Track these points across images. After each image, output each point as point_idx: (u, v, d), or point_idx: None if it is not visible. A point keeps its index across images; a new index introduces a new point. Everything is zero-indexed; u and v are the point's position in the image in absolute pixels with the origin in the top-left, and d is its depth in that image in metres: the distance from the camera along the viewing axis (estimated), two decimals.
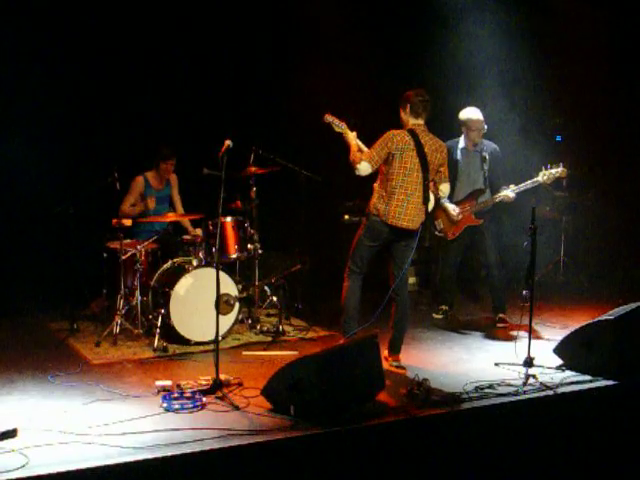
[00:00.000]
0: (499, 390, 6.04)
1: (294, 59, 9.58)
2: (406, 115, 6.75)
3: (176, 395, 5.69)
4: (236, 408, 5.59)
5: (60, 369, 6.50)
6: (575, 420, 6.03)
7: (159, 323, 7.25)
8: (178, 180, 8.57)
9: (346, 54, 9.62)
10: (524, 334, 6.88)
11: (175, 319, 7.25)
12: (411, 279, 9.38)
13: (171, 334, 7.30)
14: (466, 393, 5.94)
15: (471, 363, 6.91)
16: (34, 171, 8.07)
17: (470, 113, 8.04)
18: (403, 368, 6.65)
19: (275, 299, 8.24)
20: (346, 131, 6.88)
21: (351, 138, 6.84)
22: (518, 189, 7.94)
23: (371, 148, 6.64)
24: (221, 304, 7.02)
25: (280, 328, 7.74)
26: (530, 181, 7.91)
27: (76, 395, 5.86)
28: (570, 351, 6.67)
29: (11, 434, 4.98)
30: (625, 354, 6.53)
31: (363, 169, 6.59)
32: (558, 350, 6.76)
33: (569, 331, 6.82)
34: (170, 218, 8.07)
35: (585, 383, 6.28)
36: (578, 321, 7.48)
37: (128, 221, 7.68)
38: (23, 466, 4.54)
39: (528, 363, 6.46)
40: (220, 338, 6.30)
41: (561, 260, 10.15)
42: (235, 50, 9.35)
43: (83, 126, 8.68)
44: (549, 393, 6.05)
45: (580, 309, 8.77)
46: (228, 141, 6.21)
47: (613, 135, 10.53)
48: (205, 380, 6.00)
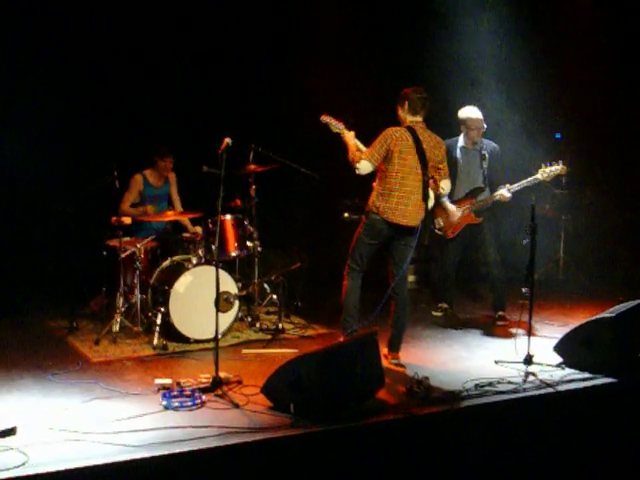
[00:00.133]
0: (499, 388, 6.04)
1: (294, 57, 9.58)
2: (404, 112, 6.74)
3: (176, 393, 5.68)
4: (236, 406, 5.58)
5: (59, 367, 6.50)
6: (575, 418, 6.03)
7: (158, 321, 7.25)
8: (177, 178, 8.56)
9: (345, 53, 9.64)
10: (524, 332, 6.88)
11: (175, 317, 7.25)
12: (410, 277, 9.38)
13: (171, 332, 7.30)
14: (466, 391, 5.95)
15: (471, 361, 6.91)
16: (34, 170, 8.08)
17: (469, 112, 8.04)
18: (403, 366, 6.65)
19: (275, 297, 8.24)
20: (343, 131, 6.88)
21: (349, 138, 6.84)
22: (515, 188, 7.93)
23: (370, 146, 6.63)
24: (221, 302, 7.01)
25: (280, 326, 7.74)
26: (529, 179, 7.90)
27: (75, 393, 5.86)
28: (570, 349, 6.67)
29: (10, 432, 4.98)
30: (625, 352, 6.55)
31: (363, 168, 6.59)
32: (558, 348, 6.76)
33: (569, 329, 6.83)
34: (169, 217, 8.06)
35: (585, 381, 6.29)
36: (578, 319, 7.48)
37: (127, 219, 7.69)
38: (23, 464, 4.54)
39: (528, 361, 6.47)
40: (220, 336, 6.30)
41: (561, 258, 10.16)
42: (234, 48, 9.34)
43: (82, 125, 8.68)
44: (549, 391, 6.05)
45: (580, 307, 8.77)
46: (227, 139, 6.21)
47: (613, 133, 10.53)
48: (205, 378, 5.99)
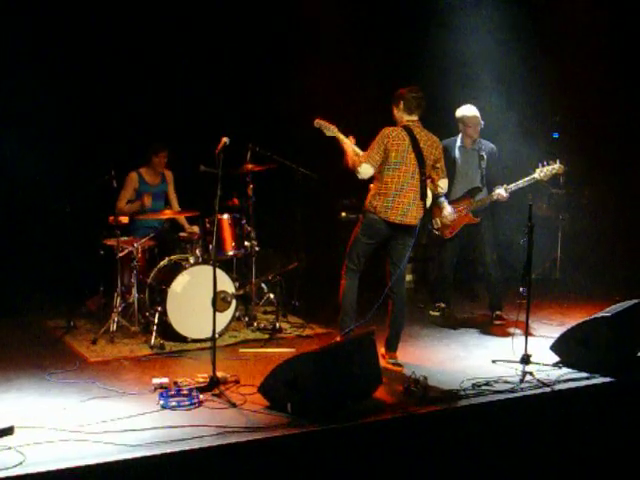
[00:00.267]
0: (496, 387, 6.04)
1: (292, 57, 9.58)
2: (399, 112, 6.74)
3: (173, 392, 5.68)
4: (233, 405, 5.58)
5: (57, 367, 6.49)
6: (572, 417, 6.03)
7: (156, 320, 7.25)
8: (174, 177, 8.56)
9: (344, 53, 9.64)
10: (521, 331, 6.88)
11: (172, 316, 7.25)
12: (408, 277, 9.36)
13: (168, 331, 7.30)
14: (463, 390, 5.94)
15: (468, 360, 6.91)
16: (31, 169, 8.07)
17: (465, 110, 8.06)
18: (400, 365, 6.65)
19: (272, 296, 8.25)
20: (337, 134, 6.87)
21: (345, 141, 6.83)
22: (512, 187, 7.93)
23: (368, 149, 6.61)
24: (218, 301, 7.00)
25: (277, 325, 7.75)
26: (526, 178, 7.91)
27: (73, 393, 5.85)
28: (567, 348, 6.67)
29: (8, 432, 4.97)
30: (622, 351, 6.55)
31: (364, 171, 6.56)
32: (555, 347, 6.76)
33: (566, 328, 6.83)
34: (167, 215, 8.07)
35: (582, 380, 6.28)
36: (575, 318, 7.48)
37: (125, 218, 7.68)
38: (20, 464, 4.53)
39: (525, 360, 6.47)
40: (217, 335, 6.31)
41: (558, 257, 10.16)
42: (233, 48, 9.34)
43: (80, 124, 8.68)
44: (546, 390, 6.05)
45: (577, 306, 8.78)
46: (225, 138, 6.21)
47: (610, 132, 10.52)
48: (202, 377, 5.98)
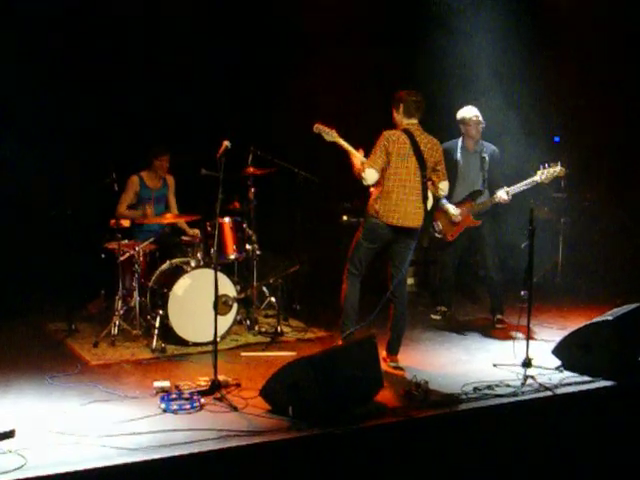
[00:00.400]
0: (497, 391, 6.03)
1: (293, 60, 9.57)
2: (399, 115, 6.74)
3: (174, 396, 5.69)
4: (234, 409, 5.58)
5: (58, 370, 6.49)
6: (573, 421, 6.03)
7: (157, 324, 7.25)
8: (176, 181, 8.56)
9: (344, 55, 9.63)
10: (522, 335, 6.87)
11: (173, 320, 7.25)
12: (410, 280, 9.37)
13: (169, 335, 7.30)
14: (464, 394, 5.94)
15: (470, 364, 6.91)
16: (32, 172, 8.06)
17: (466, 111, 8.08)
18: (401, 369, 6.65)
19: (273, 300, 8.25)
20: (337, 139, 6.86)
21: (347, 147, 6.82)
22: (514, 190, 7.93)
23: (371, 154, 6.61)
24: (219, 305, 7.00)
25: (278, 329, 7.74)
26: (527, 181, 7.90)
27: (74, 396, 5.85)
28: (568, 352, 6.67)
29: (9, 435, 4.97)
30: (623, 355, 6.55)
31: (369, 176, 6.56)
32: (556, 351, 6.75)
33: (567, 332, 6.82)
34: (168, 219, 8.07)
35: (583, 384, 6.28)
36: (576, 322, 7.48)
37: (126, 222, 7.69)
38: (21, 467, 4.53)
39: (526, 364, 6.47)
40: (218, 339, 6.30)
41: (559, 261, 10.15)
42: (233, 50, 9.34)
43: (81, 127, 8.66)
44: (548, 394, 6.05)
45: (578, 310, 8.77)
46: (226, 142, 6.22)
47: (612, 136, 10.51)
48: (203, 381, 6.00)
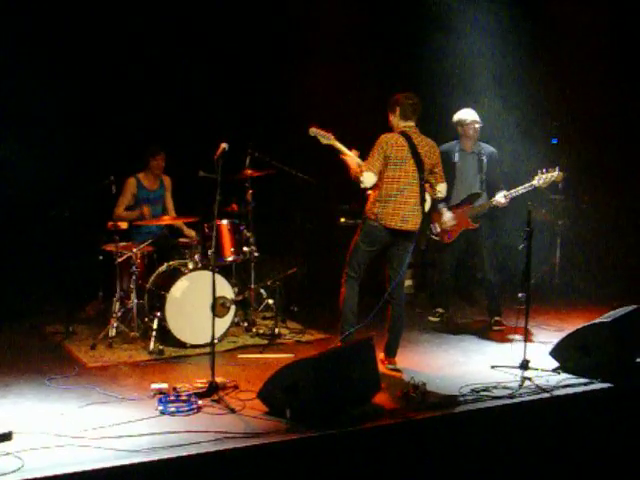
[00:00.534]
0: (495, 393, 6.02)
1: (291, 61, 9.59)
2: (396, 118, 6.74)
3: (172, 398, 5.68)
4: (232, 411, 5.58)
5: (56, 372, 6.49)
6: (571, 423, 6.03)
7: (155, 326, 7.25)
8: (174, 183, 8.56)
9: (342, 57, 9.64)
10: (520, 337, 6.88)
11: (171, 322, 7.25)
12: (407, 282, 9.36)
13: (167, 337, 7.29)
14: (462, 396, 5.94)
15: (467, 366, 6.91)
16: (30, 174, 8.06)
17: (462, 113, 8.10)
18: (399, 371, 6.65)
19: (271, 302, 8.25)
20: (334, 142, 6.85)
21: (344, 150, 6.82)
22: (511, 194, 7.93)
23: (368, 157, 6.60)
24: (217, 307, 7.02)
25: (276, 331, 7.74)
26: (525, 185, 7.88)
27: (72, 398, 5.85)
28: (566, 354, 6.67)
29: (6, 437, 4.96)
30: (621, 356, 6.55)
31: (367, 180, 6.55)
32: (554, 353, 6.76)
33: (565, 334, 6.82)
34: (166, 221, 8.07)
35: (581, 386, 6.27)
36: (574, 324, 7.47)
37: (124, 224, 7.68)
38: (18, 469, 4.53)
39: (524, 366, 6.48)
40: (216, 341, 6.30)
41: (557, 263, 10.16)
42: (231, 52, 9.35)
43: (78, 129, 8.68)
44: (545, 396, 6.05)
45: (576, 312, 8.78)
46: (224, 144, 6.22)
47: (610, 138, 10.53)
48: (201, 383, 5.99)
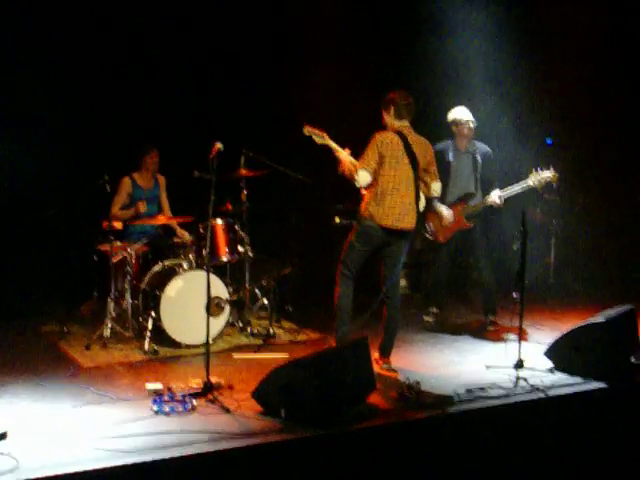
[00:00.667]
0: (490, 393, 6.03)
1: (286, 61, 9.58)
2: (390, 117, 6.73)
3: (167, 398, 5.68)
4: (226, 411, 5.58)
5: (50, 372, 6.49)
6: (565, 422, 6.04)
7: (150, 326, 7.25)
8: (168, 182, 8.55)
9: (337, 58, 9.63)
10: (514, 337, 6.88)
11: (166, 322, 7.25)
12: (402, 282, 9.35)
13: (162, 337, 7.29)
14: (457, 396, 5.94)
15: (462, 366, 6.92)
16: (24, 174, 8.05)
17: (457, 112, 8.08)
18: (394, 371, 6.64)
19: (266, 302, 8.24)
20: (329, 142, 6.84)
21: (338, 149, 6.82)
22: (506, 193, 7.94)
23: (363, 155, 6.59)
24: (212, 307, 7.00)
25: (271, 331, 7.75)
26: (521, 184, 7.89)
27: (66, 398, 5.84)
28: (560, 353, 6.68)
29: (1, 437, 4.96)
30: (615, 356, 6.56)
31: (362, 178, 6.53)
32: (549, 352, 6.77)
33: (559, 334, 6.83)
34: (161, 221, 8.06)
35: (575, 385, 6.30)
36: (568, 324, 7.46)
37: (119, 224, 7.68)
38: (13, 469, 4.52)
39: (519, 366, 6.49)
40: (211, 341, 6.30)
41: (551, 263, 10.17)
42: (226, 52, 9.34)
43: (73, 129, 8.66)
44: (540, 395, 6.06)
45: (570, 312, 8.78)
46: (218, 144, 6.21)
47: (604, 138, 10.54)
48: (196, 383, 5.98)
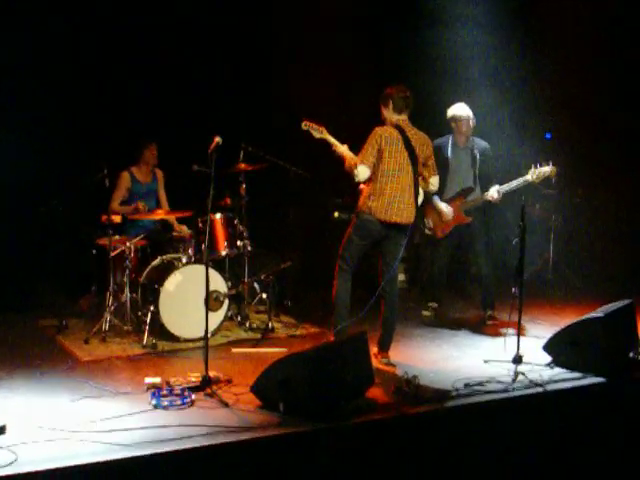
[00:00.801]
0: (488, 387, 6.04)
1: (285, 56, 9.57)
2: (389, 112, 6.73)
3: (165, 392, 5.68)
4: (225, 405, 5.58)
5: (49, 366, 6.49)
6: (564, 417, 6.05)
7: (148, 320, 7.24)
8: (167, 177, 8.54)
9: (336, 52, 9.62)
10: (513, 331, 6.88)
11: (164, 316, 7.24)
12: (400, 276, 9.34)
13: (160, 331, 7.29)
14: (455, 390, 5.95)
15: (460, 360, 6.92)
16: (23, 168, 8.03)
17: (456, 109, 8.07)
18: (392, 365, 6.65)
19: (264, 296, 8.25)
20: (327, 136, 6.86)
21: (336, 143, 6.82)
22: (504, 188, 7.95)
23: (362, 150, 6.59)
24: (210, 301, 7.00)
25: (269, 325, 7.75)
26: (519, 179, 7.90)
27: (65, 392, 5.84)
28: (559, 348, 6.68)
29: (0, 431, 4.96)
30: (614, 351, 6.56)
31: (361, 173, 6.54)
32: (547, 347, 6.77)
33: (558, 328, 6.83)
34: (159, 215, 8.06)
35: (574, 380, 6.29)
36: (567, 318, 7.47)
37: (117, 218, 7.67)
38: (11, 463, 4.52)
39: (517, 360, 6.48)
40: (209, 335, 6.30)
41: (550, 258, 10.17)
42: (225, 46, 9.34)
43: (73, 122, 8.65)
44: (538, 390, 6.06)
45: (569, 306, 8.79)
46: (217, 138, 6.21)
47: (603, 132, 10.54)
48: (194, 377, 5.98)
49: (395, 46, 10.14)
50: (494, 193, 7.93)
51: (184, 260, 7.50)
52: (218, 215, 7.85)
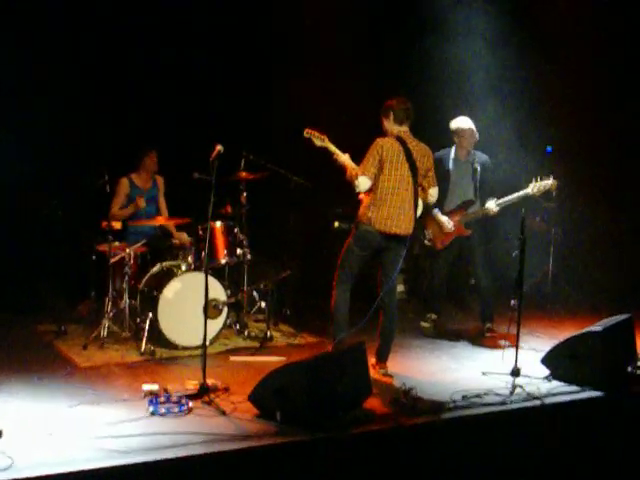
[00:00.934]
0: (486, 400, 6.03)
1: (286, 64, 9.57)
2: (390, 123, 6.75)
3: (163, 399, 5.67)
4: (222, 413, 5.57)
5: (47, 371, 6.48)
6: (561, 430, 6.03)
7: (147, 327, 7.23)
8: (168, 184, 8.55)
9: (336, 60, 9.63)
10: (511, 344, 6.88)
11: (163, 323, 7.24)
12: (399, 287, 9.33)
13: (159, 338, 7.29)
14: (453, 402, 5.94)
15: (459, 372, 6.91)
16: (23, 173, 8.03)
17: (460, 122, 8.08)
18: (390, 376, 6.64)
19: (263, 305, 8.24)
20: (328, 145, 6.88)
21: (338, 153, 6.84)
22: (504, 202, 7.95)
23: (363, 160, 6.61)
24: (209, 309, 7.00)
25: (268, 334, 7.74)
26: (520, 193, 7.90)
27: (62, 398, 5.84)
28: (557, 362, 6.68)
29: None
30: (612, 365, 6.56)
31: (362, 184, 6.56)
32: (545, 360, 6.76)
33: (557, 342, 6.83)
34: (160, 221, 8.06)
35: (572, 394, 6.29)
36: (566, 331, 7.47)
37: (118, 224, 7.68)
38: (7, 468, 4.52)
39: (515, 373, 6.48)
40: (208, 343, 6.29)
41: (550, 271, 10.16)
42: (226, 54, 9.34)
43: (73, 128, 8.65)
44: (536, 403, 6.05)
45: (568, 320, 8.79)
46: (219, 146, 6.22)
47: (604, 146, 10.54)
48: (192, 384, 5.98)
49: (397, 57, 10.15)
50: (493, 206, 7.94)
51: (183, 268, 7.50)
52: (218, 223, 7.85)
